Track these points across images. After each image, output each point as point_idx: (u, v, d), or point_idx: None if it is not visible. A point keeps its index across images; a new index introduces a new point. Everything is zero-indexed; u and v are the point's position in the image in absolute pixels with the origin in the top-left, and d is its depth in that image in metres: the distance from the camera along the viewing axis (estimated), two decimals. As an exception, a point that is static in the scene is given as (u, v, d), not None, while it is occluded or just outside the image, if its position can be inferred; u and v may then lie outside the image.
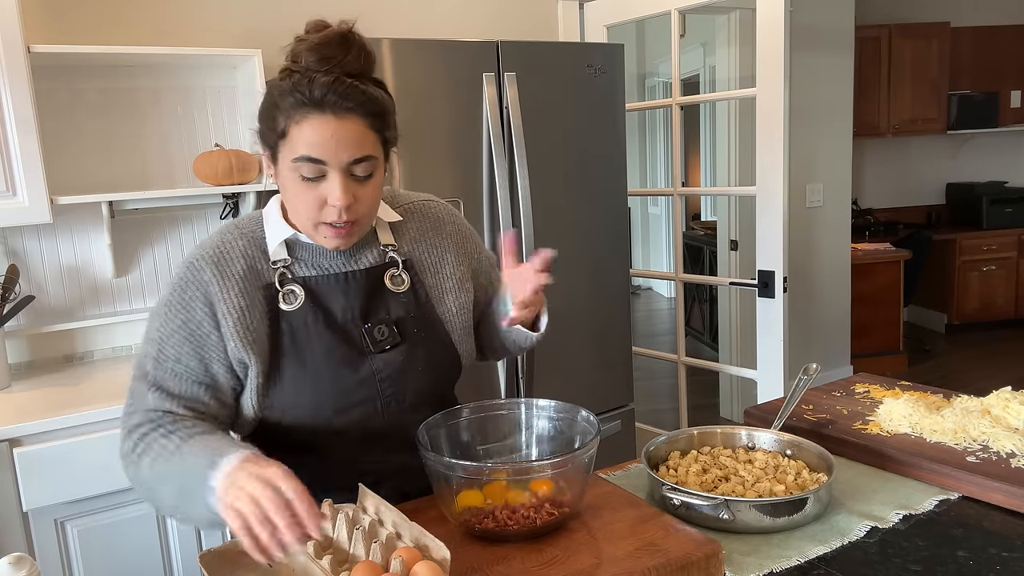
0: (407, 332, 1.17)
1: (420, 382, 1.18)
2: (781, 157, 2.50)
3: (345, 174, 1.04)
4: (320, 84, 1.01)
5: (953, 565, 0.98)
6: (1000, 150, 5.97)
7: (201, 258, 1.12)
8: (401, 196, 1.28)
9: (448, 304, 1.24)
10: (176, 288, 1.11)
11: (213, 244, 1.14)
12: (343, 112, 1.02)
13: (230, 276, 1.10)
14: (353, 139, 1.03)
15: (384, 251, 1.19)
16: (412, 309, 1.19)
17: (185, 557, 2.01)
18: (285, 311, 1.12)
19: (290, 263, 1.14)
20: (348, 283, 1.15)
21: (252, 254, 1.13)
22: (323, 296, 1.14)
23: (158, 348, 1.09)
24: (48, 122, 2.23)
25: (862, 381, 1.64)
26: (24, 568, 0.91)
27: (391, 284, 1.18)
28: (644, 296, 7.73)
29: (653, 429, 3.24)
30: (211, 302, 1.09)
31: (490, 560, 0.98)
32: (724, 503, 1.07)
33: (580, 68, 2.42)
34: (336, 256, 1.16)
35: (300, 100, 1.02)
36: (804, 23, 3.98)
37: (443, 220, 1.28)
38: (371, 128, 1.05)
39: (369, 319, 1.15)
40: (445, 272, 1.25)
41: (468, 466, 1.04)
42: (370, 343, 1.14)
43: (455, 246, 1.27)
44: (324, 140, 1.02)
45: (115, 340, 2.43)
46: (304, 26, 1.09)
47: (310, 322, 1.12)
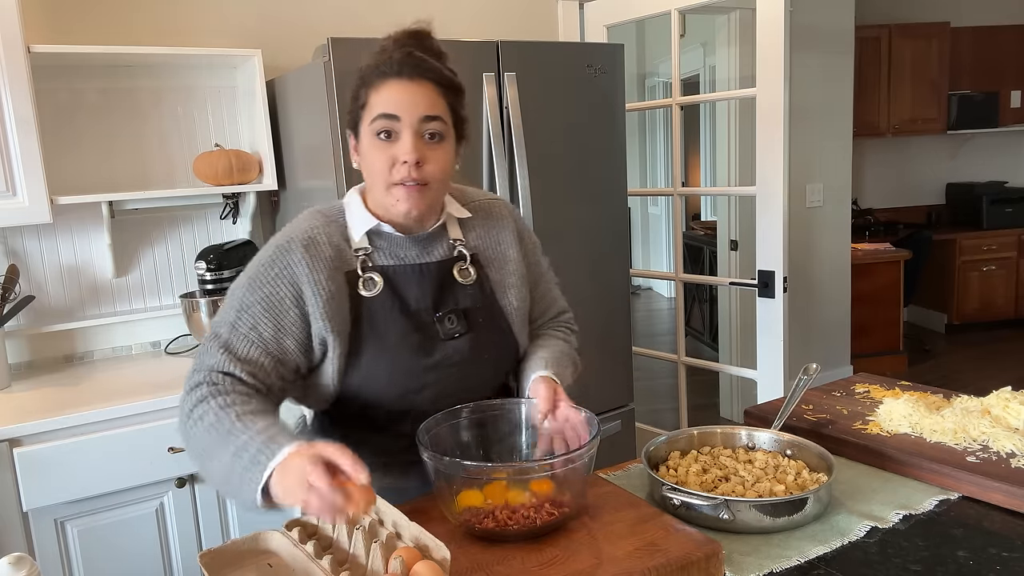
0: (474, 322, 1.25)
1: (484, 369, 1.27)
2: (781, 157, 2.50)
3: (416, 133, 1.14)
4: (397, 58, 1.15)
5: (953, 565, 0.98)
6: (1000, 150, 5.97)
7: (292, 240, 1.19)
8: (470, 194, 1.37)
9: (510, 298, 1.31)
10: (264, 265, 1.18)
11: (303, 229, 1.20)
12: (416, 76, 1.15)
13: (319, 260, 1.17)
14: (425, 100, 1.15)
15: (453, 245, 1.27)
16: (478, 300, 1.27)
17: (185, 557, 2.01)
18: (365, 296, 1.19)
19: (370, 251, 1.22)
20: (422, 274, 1.23)
21: (337, 241, 1.21)
22: (400, 285, 1.21)
23: (236, 316, 1.16)
24: (48, 122, 2.23)
25: (862, 381, 1.64)
26: (24, 568, 0.91)
27: (459, 277, 1.26)
28: (644, 296, 7.73)
29: (653, 429, 3.24)
30: (297, 283, 1.16)
31: (490, 560, 0.98)
32: (724, 503, 1.07)
33: (580, 68, 2.42)
34: (411, 248, 1.24)
35: (380, 71, 1.15)
36: (804, 23, 3.98)
37: (506, 219, 1.36)
38: (442, 96, 1.17)
39: (440, 309, 1.23)
40: (508, 268, 1.32)
41: (468, 466, 1.04)
42: (441, 331, 1.22)
43: (516, 244, 1.34)
44: (399, 98, 1.13)
45: (115, 340, 2.43)
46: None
47: (388, 308, 1.19)
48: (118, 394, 1.98)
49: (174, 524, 1.99)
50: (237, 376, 1.12)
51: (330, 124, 2.02)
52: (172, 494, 1.97)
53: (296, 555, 1.00)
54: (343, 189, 2.00)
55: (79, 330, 2.38)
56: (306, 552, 0.98)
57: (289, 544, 1.02)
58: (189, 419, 1.09)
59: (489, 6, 3.00)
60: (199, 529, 2.02)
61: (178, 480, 1.96)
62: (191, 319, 2.27)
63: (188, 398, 1.12)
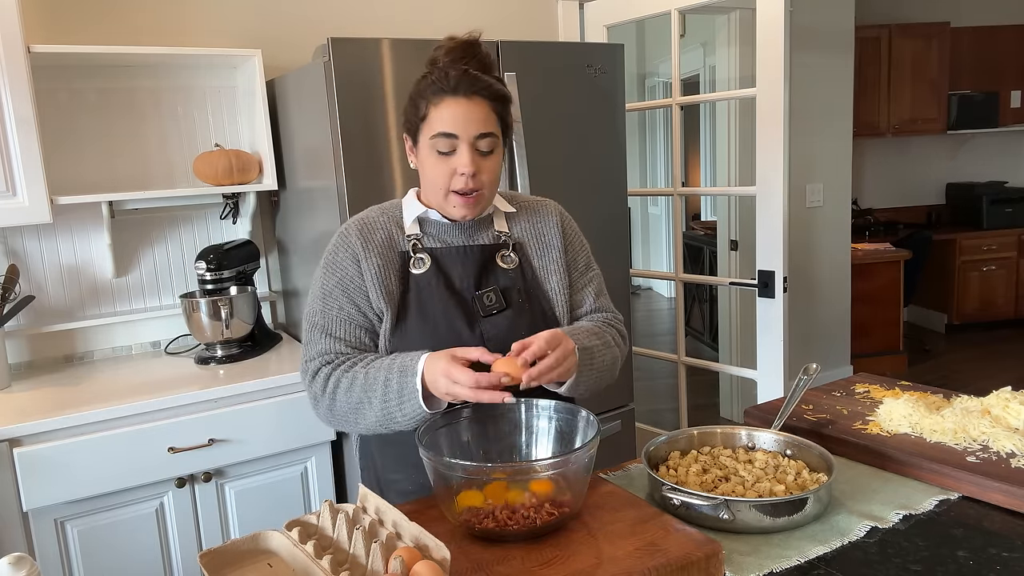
0: (512, 300, 1.36)
1: None
2: (781, 157, 2.50)
3: (472, 147, 1.26)
4: (454, 76, 1.25)
5: (953, 565, 0.98)
6: (1000, 150, 5.97)
7: (348, 227, 1.37)
8: (520, 196, 1.49)
9: (553, 283, 1.41)
10: (330, 253, 1.36)
11: (360, 217, 1.39)
12: (472, 94, 1.25)
13: (372, 241, 1.34)
14: (479, 117, 1.26)
15: (498, 235, 1.40)
16: (519, 283, 1.38)
17: (185, 557, 2.01)
18: (414, 274, 1.34)
19: (421, 237, 1.36)
20: (466, 256, 1.36)
21: (389, 228, 1.37)
22: (445, 265, 1.35)
23: (323, 302, 1.34)
24: (48, 122, 2.23)
25: (862, 381, 1.64)
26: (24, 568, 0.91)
27: (502, 262, 1.37)
28: (644, 296, 7.74)
29: (653, 429, 3.24)
30: (357, 260, 1.33)
31: (490, 560, 0.98)
32: (724, 503, 1.07)
33: (580, 68, 2.42)
34: (458, 234, 1.37)
35: (439, 88, 1.26)
36: (804, 23, 3.98)
37: (552, 214, 1.47)
38: (493, 110, 1.28)
39: (480, 287, 1.34)
40: (551, 256, 1.42)
41: (468, 466, 1.04)
42: (480, 307, 1.33)
43: (560, 240, 1.44)
44: (456, 117, 1.25)
45: (115, 340, 2.43)
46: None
47: (433, 285, 1.33)
48: (118, 394, 1.98)
49: (174, 524, 1.99)
50: (345, 353, 1.32)
51: (330, 124, 2.02)
52: (172, 494, 1.97)
53: (296, 555, 1.00)
54: (343, 189, 2.01)
55: (79, 330, 2.38)
56: (306, 552, 0.98)
57: (289, 544, 1.02)
58: (325, 395, 1.29)
59: (489, 6, 3.00)
60: (199, 529, 2.02)
61: (178, 480, 1.96)
62: (191, 319, 2.27)
63: (314, 384, 1.31)
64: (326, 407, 1.31)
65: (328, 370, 1.30)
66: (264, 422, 2.02)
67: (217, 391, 1.98)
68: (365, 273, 1.32)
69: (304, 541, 1.01)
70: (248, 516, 2.07)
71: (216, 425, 1.96)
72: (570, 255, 1.46)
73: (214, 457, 1.97)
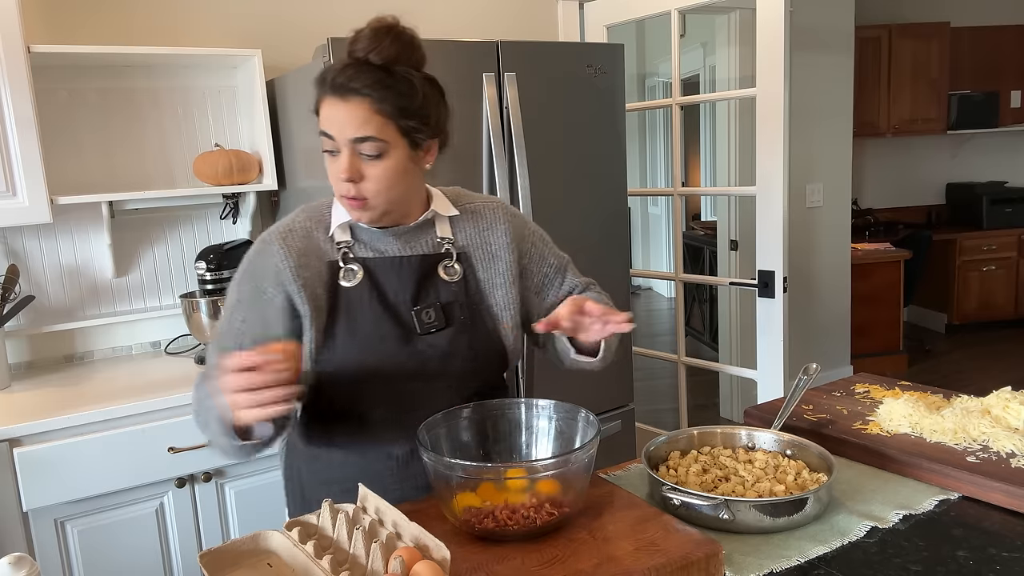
0: (453, 317, 1.25)
1: (464, 366, 1.25)
2: (781, 157, 2.50)
3: (351, 151, 1.14)
4: (334, 70, 1.14)
5: (953, 565, 0.98)
6: (1000, 150, 5.97)
7: (271, 234, 1.25)
8: (465, 196, 1.36)
9: (498, 298, 1.30)
10: (248, 260, 1.25)
11: (283, 224, 1.27)
12: (348, 93, 1.12)
13: (295, 249, 1.22)
14: (355, 119, 1.13)
15: (440, 243, 1.28)
16: (461, 297, 1.26)
17: (185, 557, 2.01)
18: (344, 287, 1.22)
19: (352, 244, 1.24)
20: (403, 267, 1.24)
21: (317, 234, 1.25)
22: (379, 277, 1.23)
23: (229, 312, 1.23)
24: (48, 122, 2.23)
25: (862, 381, 1.64)
26: (24, 568, 0.90)
27: (444, 274, 1.26)
28: (644, 296, 7.73)
29: (653, 429, 3.24)
30: (278, 272, 1.21)
31: (490, 560, 0.98)
32: (724, 503, 1.07)
33: (580, 68, 2.42)
34: (393, 241, 1.25)
35: (319, 84, 1.16)
36: (804, 23, 3.98)
37: (500, 219, 1.34)
38: (377, 112, 1.13)
39: (418, 302, 1.23)
40: (498, 268, 1.31)
41: (468, 466, 1.04)
42: (417, 324, 1.22)
43: (510, 244, 1.32)
44: (332, 118, 1.14)
45: (115, 340, 2.43)
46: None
47: (365, 299, 1.21)
48: (118, 394, 1.98)
49: (174, 524, 1.99)
50: None
51: (330, 124, 2.01)
52: (172, 494, 1.97)
53: (296, 555, 1.00)
54: (343, 189, 2.00)
55: (79, 330, 2.38)
56: (306, 552, 0.98)
57: (289, 544, 1.02)
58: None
59: (489, 6, 3.00)
60: (199, 529, 2.02)
61: (178, 480, 1.96)
62: (191, 319, 2.27)
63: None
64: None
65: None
66: (264, 422, 2.02)
67: (217, 391, 1.98)
68: (288, 284, 1.20)
69: (304, 541, 1.01)
70: (248, 516, 2.07)
71: (216, 425, 1.96)
72: (530, 257, 1.36)
73: (214, 457, 1.97)
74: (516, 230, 1.35)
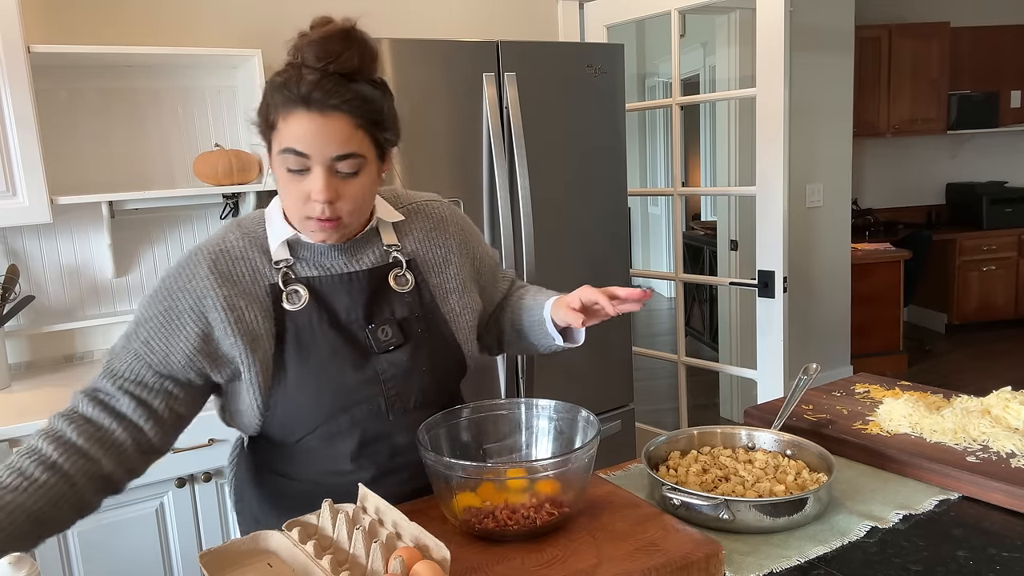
0: (411, 332, 1.17)
1: (425, 381, 1.19)
2: (781, 157, 2.50)
3: (328, 170, 1.05)
4: (307, 82, 1.02)
5: (953, 565, 0.98)
6: (1000, 150, 5.97)
7: (199, 253, 1.13)
8: (404, 196, 1.28)
9: (452, 304, 1.24)
10: (168, 278, 1.13)
11: (214, 243, 1.14)
12: (328, 110, 1.02)
13: (228, 275, 1.11)
14: (337, 136, 1.03)
15: (387, 251, 1.19)
16: (416, 309, 1.19)
17: (185, 557, 2.01)
18: (289, 311, 1.12)
19: (292, 263, 1.14)
20: (352, 283, 1.15)
21: (252, 254, 1.14)
22: (327, 296, 1.14)
23: (133, 328, 1.12)
24: (48, 122, 2.23)
25: (862, 381, 1.64)
26: (24, 568, 0.90)
27: (395, 284, 1.18)
28: (644, 296, 7.72)
29: (653, 429, 3.24)
30: (200, 298, 1.10)
31: (490, 560, 0.98)
32: (724, 503, 1.07)
33: (580, 68, 2.42)
34: (338, 256, 1.16)
35: (288, 96, 1.03)
36: (804, 23, 3.98)
37: (447, 220, 1.28)
38: (358, 127, 1.05)
39: (373, 319, 1.15)
40: (449, 272, 1.25)
41: (468, 466, 1.04)
42: (374, 344, 1.14)
43: (458, 246, 1.27)
44: (309, 135, 1.02)
45: (115, 340, 2.42)
46: (309, 22, 1.10)
47: (315, 322, 1.12)
48: (118, 394, 1.98)
49: (174, 524, 1.99)
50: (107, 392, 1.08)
51: (330, 124, 2.01)
52: (172, 494, 1.97)
53: (296, 555, 1.00)
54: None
55: (79, 330, 2.38)
56: (306, 552, 0.98)
57: (289, 544, 1.02)
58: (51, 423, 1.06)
59: (489, 6, 3.00)
60: (199, 529, 2.02)
61: (178, 480, 1.96)
62: (191, 319, 2.27)
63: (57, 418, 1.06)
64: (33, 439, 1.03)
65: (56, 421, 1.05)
66: (264, 422, 2.02)
67: (217, 391, 1.98)
68: (216, 318, 1.08)
69: (304, 541, 1.01)
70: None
71: (216, 425, 1.92)
72: (480, 258, 1.31)
73: (214, 457, 1.97)
74: (461, 230, 1.29)
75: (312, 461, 1.19)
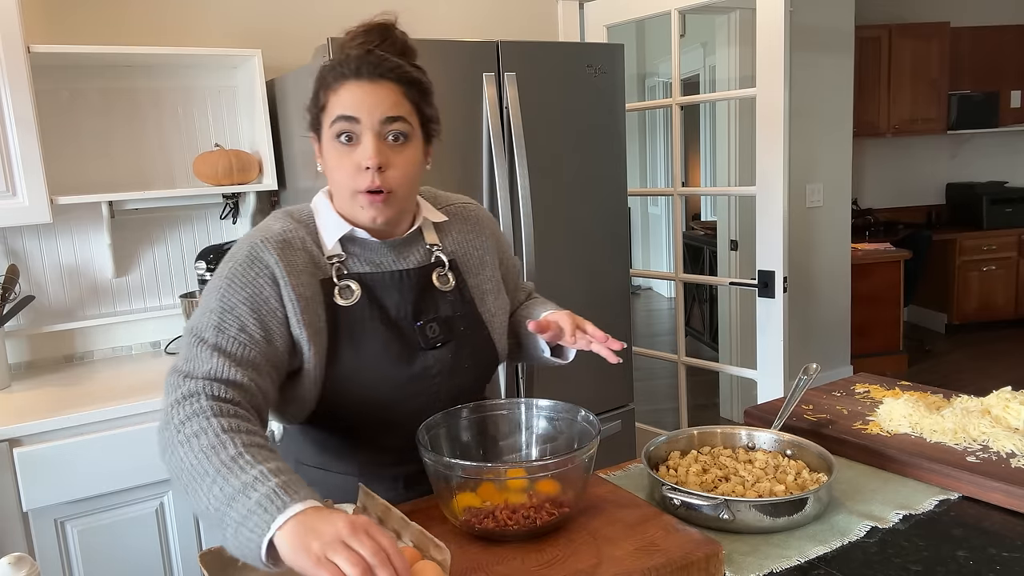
0: (455, 330, 1.22)
1: (466, 378, 1.24)
2: (781, 157, 2.50)
3: (378, 135, 1.09)
4: (355, 57, 1.11)
5: (953, 565, 0.98)
6: (1000, 150, 5.97)
7: (267, 240, 1.13)
8: (441, 197, 1.32)
9: (488, 304, 1.28)
10: (240, 264, 1.11)
11: (277, 230, 1.15)
12: (376, 77, 1.10)
13: (294, 264, 1.12)
14: (386, 100, 1.09)
15: (430, 250, 1.23)
16: (459, 308, 1.23)
17: (185, 557, 2.01)
18: (342, 305, 1.14)
19: (344, 258, 1.17)
20: (401, 281, 1.19)
21: (310, 246, 1.16)
22: (378, 293, 1.17)
23: (220, 318, 1.06)
24: (48, 122, 2.23)
25: (862, 381, 1.64)
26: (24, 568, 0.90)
27: (438, 283, 1.22)
28: (644, 296, 7.73)
29: (653, 429, 3.24)
30: (277, 282, 1.10)
31: (490, 560, 0.98)
32: (724, 503, 1.07)
33: (580, 68, 2.42)
34: (387, 253, 1.19)
35: (338, 73, 1.11)
36: (804, 23, 3.98)
37: (482, 222, 1.32)
38: (405, 96, 1.11)
39: (421, 317, 1.19)
40: (485, 274, 1.29)
41: (468, 466, 1.04)
42: (422, 340, 1.18)
43: (492, 248, 1.32)
44: (358, 100, 1.09)
45: (115, 340, 2.43)
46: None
47: (367, 318, 1.15)
48: (118, 394, 1.98)
49: (174, 524, 1.99)
50: (239, 383, 1.01)
51: (330, 124, 2.01)
52: (172, 494, 1.97)
53: (296, 555, 1.00)
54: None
55: (79, 330, 2.38)
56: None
57: (289, 544, 1.02)
58: (179, 433, 0.93)
59: (489, 6, 3.00)
60: (199, 529, 2.02)
61: (178, 480, 1.96)
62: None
63: (180, 408, 0.96)
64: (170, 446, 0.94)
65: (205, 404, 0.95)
66: (264, 422, 2.02)
67: (217, 391, 1.98)
68: (288, 304, 1.10)
69: (304, 541, 1.01)
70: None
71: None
72: (506, 263, 1.36)
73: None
74: (494, 234, 1.34)
75: (355, 453, 1.22)
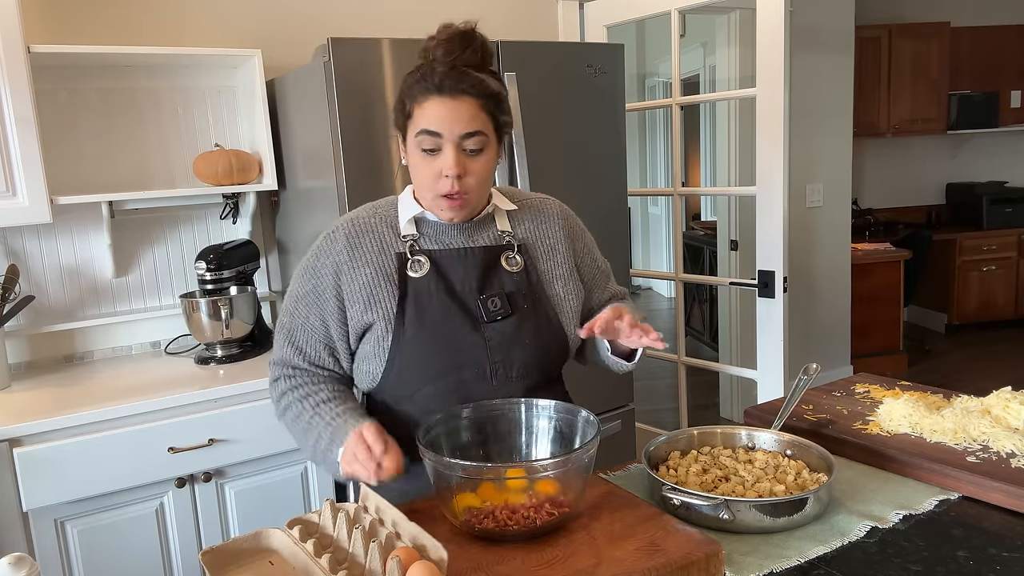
0: (517, 306, 1.30)
1: (527, 354, 1.29)
2: (781, 157, 2.50)
3: (457, 148, 1.20)
4: (439, 73, 1.20)
5: (953, 565, 0.98)
6: (1000, 150, 5.97)
7: (337, 229, 1.31)
8: (520, 193, 1.43)
9: (557, 288, 1.35)
10: (312, 255, 1.32)
11: (349, 218, 1.32)
12: (458, 94, 1.19)
13: (358, 245, 1.28)
14: (465, 116, 1.20)
15: (501, 235, 1.34)
16: (524, 287, 1.31)
17: (185, 557, 2.01)
18: (412, 277, 1.27)
19: (418, 238, 1.30)
20: (467, 258, 1.29)
21: (381, 229, 1.31)
22: (445, 267, 1.28)
23: (293, 306, 1.32)
24: (48, 122, 2.23)
25: (862, 381, 1.64)
26: (24, 568, 0.91)
27: (506, 264, 1.32)
28: (644, 296, 7.73)
29: (653, 429, 3.24)
30: (339, 271, 1.28)
31: (490, 560, 0.98)
32: (724, 503, 1.07)
33: (580, 68, 2.42)
34: (457, 234, 1.31)
35: (423, 87, 1.21)
36: (804, 23, 3.98)
37: (556, 214, 1.41)
38: (482, 109, 1.22)
39: (484, 291, 1.28)
40: (556, 259, 1.37)
41: (468, 466, 1.04)
42: (484, 312, 1.27)
43: (566, 239, 1.40)
44: (441, 116, 1.19)
45: (115, 340, 2.43)
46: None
47: (432, 289, 1.26)
48: (118, 394, 1.98)
49: (174, 524, 1.99)
50: (303, 368, 1.31)
51: (330, 124, 2.02)
52: (172, 494, 1.97)
53: (296, 553, 1.00)
54: (343, 189, 2.01)
55: (79, 330, 2.38)
56: (306, 551, 0.98)
57: (290, 542, 1.02)
58: (278, 407, 1.33)
59: (489, 6, 3.00)
60: (199, 529, 2.02)
61: (178, 480, 1.96)
62: (191, 319, 2.27)
63: (272, 389, 1.34)
64: (279, 416, 1.35)
65: (285, 385, 1.32)
66: (264, 422, 2.02)
67: (217, 391, 1.98)
68: (346, 287, 1.27)
69: (305, 540, 1.01)
70: (248, 516, 2.07)
71: (216, 425, 1.96)
72: (582, 256, 1.42)
73: (214, 457, 1.97)
74: (570, 227, 1.42)
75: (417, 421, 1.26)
